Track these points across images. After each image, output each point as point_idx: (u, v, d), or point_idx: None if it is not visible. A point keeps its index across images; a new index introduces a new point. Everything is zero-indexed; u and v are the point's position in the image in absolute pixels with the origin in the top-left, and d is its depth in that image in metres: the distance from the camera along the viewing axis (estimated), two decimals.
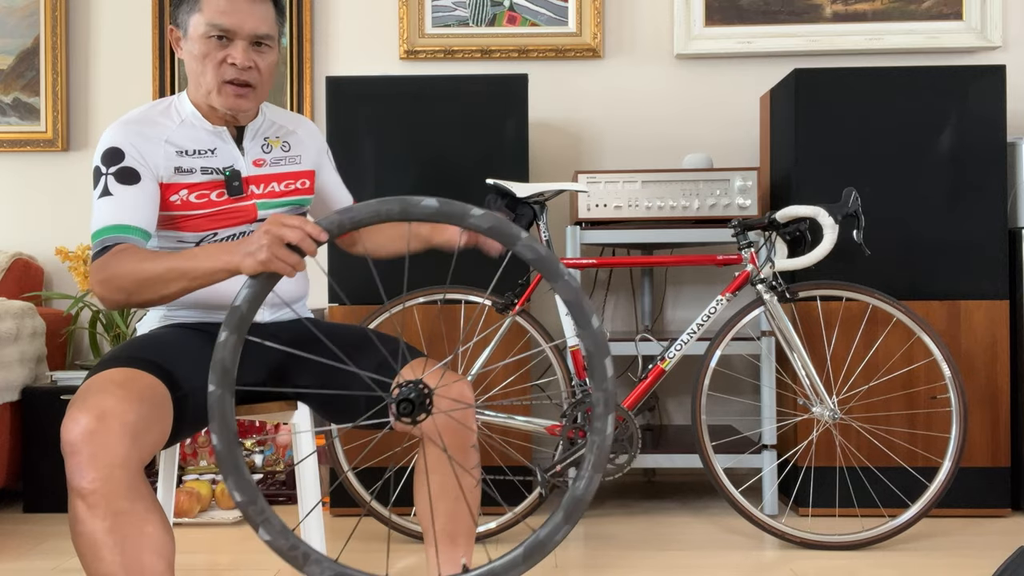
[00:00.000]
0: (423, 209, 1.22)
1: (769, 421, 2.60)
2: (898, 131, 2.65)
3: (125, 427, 1.32)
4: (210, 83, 1.60)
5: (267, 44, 1.62)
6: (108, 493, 1.29)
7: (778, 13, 3.19)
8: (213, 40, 1.58)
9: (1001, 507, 2.63)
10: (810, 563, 2.24)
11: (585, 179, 2.69)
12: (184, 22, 1.60)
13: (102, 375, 1.42)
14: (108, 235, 1.51)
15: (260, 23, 1.59)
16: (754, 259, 2.38)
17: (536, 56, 3.22)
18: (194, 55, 1.60)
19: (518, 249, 1.21)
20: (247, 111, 1.65)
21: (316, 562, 1.21)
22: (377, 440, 2.65)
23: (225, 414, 1.23)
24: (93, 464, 1.29)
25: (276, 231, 1.26)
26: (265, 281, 1.27)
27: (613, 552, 2.34)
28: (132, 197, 1.54)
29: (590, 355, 1.21)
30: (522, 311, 2.46)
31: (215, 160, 1.64)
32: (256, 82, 1.62)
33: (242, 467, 1.22)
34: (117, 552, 1.29)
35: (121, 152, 1.56)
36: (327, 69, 3.25)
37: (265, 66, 1.62)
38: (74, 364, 3.08)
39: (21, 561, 2.30)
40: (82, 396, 1.36)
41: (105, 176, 1.54)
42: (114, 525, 1.29)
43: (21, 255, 3.11)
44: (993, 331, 2.63)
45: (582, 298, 1.21)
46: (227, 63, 1.59)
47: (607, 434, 1.21)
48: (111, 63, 3.28)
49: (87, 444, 1.29)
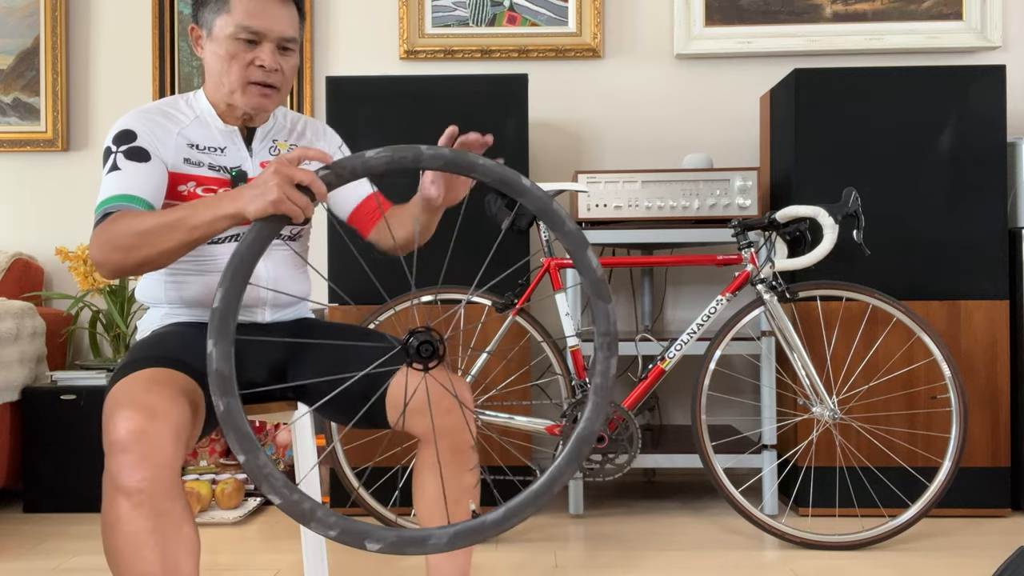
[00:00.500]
0: (433, 159, 1.21)
1: (769, 421, 2.60)
2: (898, 131, 2.65)
3: (173, 427, 1.33)
4: (235, 83, 1.61)
5: (291, 47, 1.63)
6: (154, 493, 1.29)
7: (778, 13, 3.19)
8: (241, 42, 1.58)
9: (1001, 507, 2.63)
10: (810, 563, 2.24)
11: (585, 179, 2.69)
12: (209, 21, 1.61)
13: (141, 375, 1.41)
14: (111, 204, 1.49)
15: (288, 26, 1.61)
16: (754, 259, 2.38)
17: (536, 56, 3.22)
18: (219, 55, 1.60)
19: (477, 175, 1.21)
20: (269, 111, 1.66)
21: (322, 518, 1.20)
22: (374, 439, 2.65)
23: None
24: (144, 464, 1.29)
25: (286, 171, 1.23)
26: (272, 225, 1.22)
27: (613, 552, 2.34)
28: (140, 173, 1.53)
29: (572, 254, 1.22)
30: (522, 311, 2.46)
31: (224, 159, 1.65)
32: (280, 84, 1.63)
33: (242, 423, 1.19)
34: (158, 552, 1.30)
35: (134, 133, 1.57)
36: (327, 69, 3.25)
37: (289, 68, 1.64)
38: (74, 364, 3.07)
39: (21, 561, 2.30)
40: (128, 395, 1.35)
41: (115, 154, 1.55)
42: (157, 525, 1.30)
43: (21, 255, 3.11)
44: (993, 331, 2.63)
45: (552, 204, 1.22)
46: (255, 65, 1.60)
47: (610, 364, 1.23)
48: (111, 63, 3.28)
49: (138, 443, 1.29)
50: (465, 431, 1.58)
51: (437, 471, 1.59)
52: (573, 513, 2.70)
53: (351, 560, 2.30)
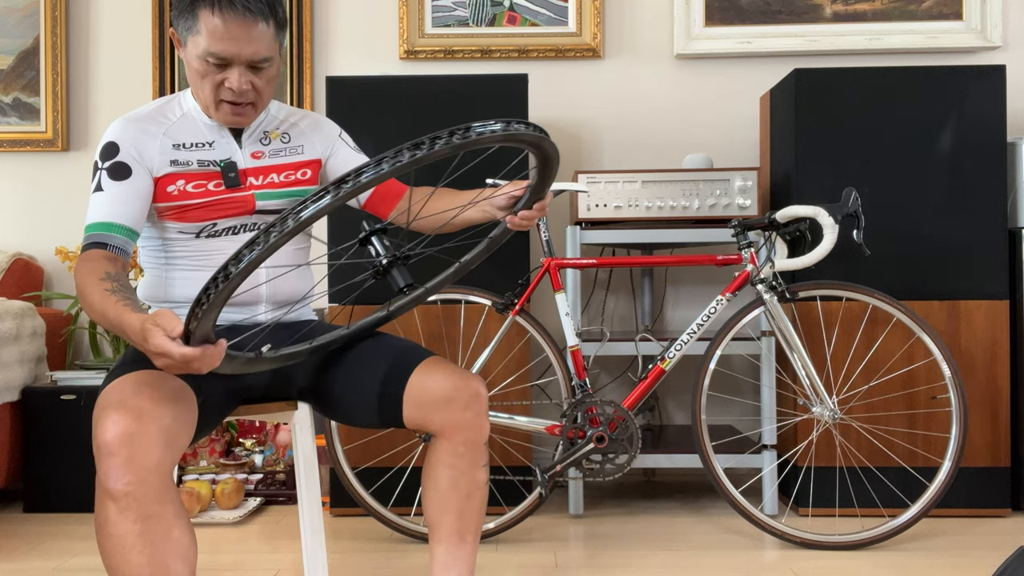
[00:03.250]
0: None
1: (769, 421, 2.60)
2: (898, 131, 2.65)
3: (161, 430, 1.33)
4: (207, 99, 1.62)
5: (265, 66, 1.61)
6: (141, 497, 1.30)
7: (778, 13, 3.19)
8: (210, 64, 1.58)
9: (1001, 507, 2.63)
10: (810, 563, 2.24)
11: (585, 179, 2.69)
12: (183, 36, 1.61)
13: (131, 377, 1.42)
14: (94, 232, 1.54)
15: (258, 48, 1.57)
16: (754, 259, 2.38)
17: (536, 56, 3.22)
18: (192, 68, 1.61)
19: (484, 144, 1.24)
20: (247, 124, 1.67)
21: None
22: (378, 439, 2.65)
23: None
24: (129, 467, 1.29)
25: (163, 364, 1.26)
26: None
27: (613, 552, 2.34)
28: (122, 193, 1.57)
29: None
30: (522, 311, 2.46)
31: (212, 153, 1.66)
32: (255, 100, 1.63)
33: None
34: (145, 555, 1.30)
35: (117, 147, 1.60)
36: (327, 69, 3.25)
37: (264, 83, 1.62)
38: (74, 364, 3.07)
39: (21, 561, 2.30)
40: (116, 397, 1.36)
41: (100, 171, 1.58)
42: (144, 529, 1.30)
43: (21, 255, 3.11)
44: (993, 331, 2.63)
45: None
46: (224, 86, 1.60)
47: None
48: (111, 63, 3.28)
49: (125, 446, 1.29)
50: (481, 427, 1.61)
51: (451, 464, 1.62)
52: (573, 513, 2.70)
53: (351, 560, 2.30)
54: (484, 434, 1.62)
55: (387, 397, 1.60)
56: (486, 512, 2.60)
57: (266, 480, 2.88)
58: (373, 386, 1.61)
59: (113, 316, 1.36)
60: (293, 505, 2.85)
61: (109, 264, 1.48)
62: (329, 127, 1.82)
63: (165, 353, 1.23)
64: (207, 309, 1.18)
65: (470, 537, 1.65)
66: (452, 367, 1.61)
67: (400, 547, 2.42)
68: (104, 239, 1.53)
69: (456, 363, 2.61)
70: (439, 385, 1.58)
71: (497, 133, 1.22)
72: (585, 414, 2.37)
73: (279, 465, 2.97)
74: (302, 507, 1.83)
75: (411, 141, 1.20)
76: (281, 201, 1.70)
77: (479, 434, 1.61)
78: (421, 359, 1.63)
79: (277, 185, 1.70)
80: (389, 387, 1.60)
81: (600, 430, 2.36)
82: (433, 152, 1.17)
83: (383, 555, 2.34)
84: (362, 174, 1.16)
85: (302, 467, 1.83)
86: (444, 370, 1.60)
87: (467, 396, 1.58)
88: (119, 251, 1.53)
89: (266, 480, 2.88)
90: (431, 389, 1.58)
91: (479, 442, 1.62)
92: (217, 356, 1.26)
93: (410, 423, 1.61)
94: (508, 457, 2.67)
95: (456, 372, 1.60)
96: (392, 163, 1.16)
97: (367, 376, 1.62)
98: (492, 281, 2.64)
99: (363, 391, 1.62)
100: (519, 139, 1.27)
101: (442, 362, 1.63)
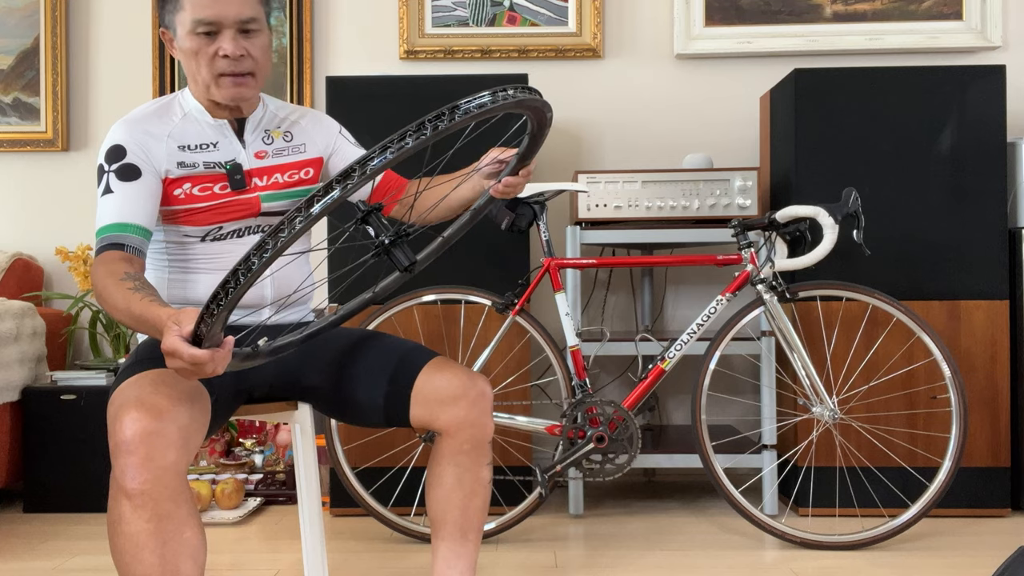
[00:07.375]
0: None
1: (769, 421, 2.60)
2: (898, 131, 2.65)
3: (179, 430, 1.33)
4: (206, 78, 1.61)
5: (255, 27, 1.61)
6: (156, 496, 1.30)
7: (778, 13, 3.19)
8: (201, 36, 1.58)
9: (1001, 507, 2.63)
10: (810, 563, 2.25)
11: (585, 179, 2.69)
12: (171, 22, 1.61)
13: (148, 375, 1.42)
14: (108, 233, 1.52)
15: (242, 7, 1.58)
16: (754, 259, 2.38)
17: (536, 56, 3.22)
18: (186, 53, 1.61)
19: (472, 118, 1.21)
20: (249, 98, 1.66)
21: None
22: (378, 438, 2.65)
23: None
24: (146, 466, 1.29)
25: (181, 366, 1.24)
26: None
27: (613, 552, 2.34)
28: (133, 193, 1.55)
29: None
30: (522, 311, 2.46)
31: (217, 154, 1.65)
32: (253, 68, 1.62)
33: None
34: (157, 555, 1.30)
35: (123, 149, 1.58)
36: (327, 69, 3.25)
37: (258, 50, 1.62)
38: (74, 364, 3.08)
39: (21, 561, 2.30)
40: (134, 395, 1.35)
41: (107, 174, 1.57)
42: (157, 528, 1.30)
43: (21, 255, 3.11)
44: (993, 331, 2.63)
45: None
46: (219, 56, 1.59)
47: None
48: (111, 63, 3.28)
49: (143, 444, 1.29)
50: (486, 425, 1.62)
51: (456, 462, 1.63)
52: (573, 513, 2.70)
53: (351, 560, 2.30)
54: (489, 432, 1.63)
55: (394, 396, 1.61)
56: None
57: (266, 480, 2.88)
58: (380, 385, 1.62)
59: (139, 312, 1.34)
60: (293, 505, 2.85)
61: (127, 265, 1.47)
62: (329, 124, 1.82)
63: (174, 352, 1.22)
64: (226, 303, 1.17)
65: (473, 535, 1.65)
66: (459, 366, 1.63)
67: (400, 547, 2.42)
68: (120, 240, 1.51)
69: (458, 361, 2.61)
70: (447, 383, 1.59)
71: (486, 105, 1.20)
72: (585, 414, 2.37)
73: (279, 465, 2.97)
74: (302, 507, 1.83)
75: (413, 123, 1.20)
76: (285, 202, 1.70)
77: (484, 432, 1.62)
78: (428, 359, 1.65)
79: (281, 186, 1.70)
80: (396, 386, 1.61)
81: (600, 430, 2.36)
82: (438, 133, 1.16)
83: (383, 555, 2.34)
84: (387, 149, 1.16)
85: (302, 467, 1.83)
86: (451, 369, 1.62)
87: (474, 394, 1.59)
88: (136, 251, 1.52)
89: (266, 480, 2.88)
90: (439, 387, 1.59)
91: (484, 440, 1.63)
92: (225, 359, 1.25)
93: (416, 421, 1.62)
94: (508, 457, 2.67)
95: (463, 371, 1.62)
96: (398, 147, 1.16)
97: (373, 375, 1.63)
98: (492, 281, 2.65)
99: (369, 390, 1.63)
100: (522, 106, 1.26)
101: (448, 362, 1.64)
